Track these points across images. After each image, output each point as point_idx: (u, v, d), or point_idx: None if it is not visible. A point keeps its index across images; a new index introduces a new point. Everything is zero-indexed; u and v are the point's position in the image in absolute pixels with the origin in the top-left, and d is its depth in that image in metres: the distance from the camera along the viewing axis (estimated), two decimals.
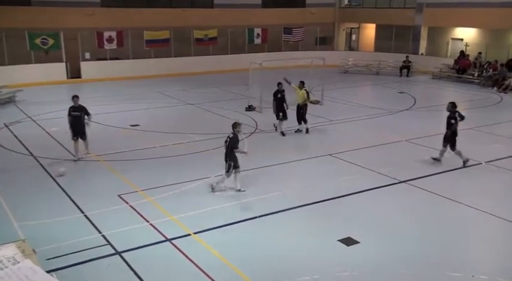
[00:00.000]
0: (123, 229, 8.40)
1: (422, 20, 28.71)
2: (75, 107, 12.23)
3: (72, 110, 12.22)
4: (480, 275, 7.15)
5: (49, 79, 23.23)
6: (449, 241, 8.28)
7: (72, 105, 12.28)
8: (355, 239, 8.12)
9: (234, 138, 10.06)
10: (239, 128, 10.24)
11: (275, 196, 9.97)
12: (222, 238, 8.26)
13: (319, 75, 19.71)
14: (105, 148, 13.10)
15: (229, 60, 27.67)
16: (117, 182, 10.71)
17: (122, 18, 25.74)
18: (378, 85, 25.15)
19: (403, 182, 10.85)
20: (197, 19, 27.74)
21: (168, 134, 14.69)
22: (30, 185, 10.65)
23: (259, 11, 30.50)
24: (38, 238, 7.65)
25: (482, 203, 9.67)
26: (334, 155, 12.60)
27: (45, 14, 23.87)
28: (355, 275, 7.14)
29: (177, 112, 18.14)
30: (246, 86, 18.94)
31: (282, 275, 7.08)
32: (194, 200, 9.72)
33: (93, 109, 17.61)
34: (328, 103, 18.86)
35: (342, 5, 34.13)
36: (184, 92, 21.71)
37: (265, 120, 16.41)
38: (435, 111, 18.64)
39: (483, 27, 26.50)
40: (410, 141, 14.14)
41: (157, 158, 12.41)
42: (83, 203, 9.46)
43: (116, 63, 25.45)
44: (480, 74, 24.63)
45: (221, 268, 7.28)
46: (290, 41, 30.48)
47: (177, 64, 26.59)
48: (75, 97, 12.30)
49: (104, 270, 7.23)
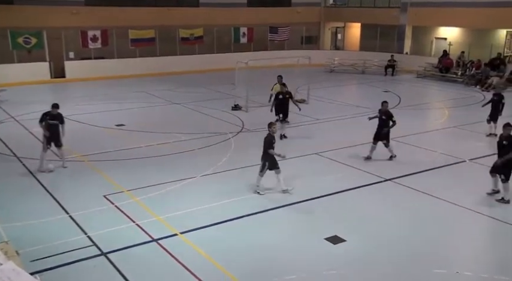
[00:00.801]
0: (109, 230, 8.33)
1: (406, 19, 28.98)
2: (53, 115, 11.35)
3: (50, 118, 11.33)
4: (464, 272, 7.25)
5: (32, 79, 22.91)
6: (434, 238, 8.37)
7: (49, 113, 11.38)
8: (341, 237, 8.17)
9: (266, 138, 9.89)
10: (273, 128, 9.98)
11: (262, 195, 9.96)
12: (208, 237, 8.24)
13: (305, 74, 19.77)
14: (90, 148, 12.97)
15: (215, 60, 27.59)
16: (103, 182, 10.61)
17: (107, 17, 25.49)
18: (363, 84, 25.32)
19: (389, 180, 10.94)
20: (183, 18, 27.60)
21: (153, 134, 14.60)
22: (14, 186, 10.49)
23: (245, 10, 30.49)
24: (22, 240, 7.55)
25: (466, 200, 9.80)
26: (320, 153, 12.66)
27: (28, 13, 23.53)
28: (341, 273, 7.18)
29: (163, 112, 18.04)
30: (232, 85, 18.91)
31: (269, 274, 7.09)
32: (180, 200, 9.68)
33: (78, 109, 17.57)
34: (314, 102, 18.93)
35: (328, 4, 34.28)
36: (170, 92, 21.60)
37: (252, 120, 16.43)
38: (420, 110, 18.85)
39: (466, 26, 26.86)
40: (396, 139, 14.23)
41: (143, 158, 12.33)
42: (67, 204, 9.35)
43: (100, 63, 25.18)
44: (463, 73, 24.96)
45: (208, 268, 7.26)
46: (276, 40, 30.51)
47: (162, 63, 26.42)
48: (55, 106, 11.43)
49: (90, 271, 7.17)
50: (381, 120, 12.09)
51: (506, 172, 9.45)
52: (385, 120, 11.98)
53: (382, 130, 11.99)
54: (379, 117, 12.13)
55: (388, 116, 11.99)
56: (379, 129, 12.06)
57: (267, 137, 9.91)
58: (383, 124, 12.00)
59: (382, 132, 12.02)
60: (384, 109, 12.09)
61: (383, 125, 12.00)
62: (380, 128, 12.05)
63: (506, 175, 9.45)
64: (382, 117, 12.03)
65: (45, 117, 11.38)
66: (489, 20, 24.76)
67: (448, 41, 27.47)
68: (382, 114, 12.06)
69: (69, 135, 14.20)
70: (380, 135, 12.07)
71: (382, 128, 12.01)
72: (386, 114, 12.03)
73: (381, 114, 12.11)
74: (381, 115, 12.10)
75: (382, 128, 12.01)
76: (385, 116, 12.00)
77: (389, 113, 12.06)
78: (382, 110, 12.11)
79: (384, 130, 11.97)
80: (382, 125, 12.03)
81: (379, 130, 12.07)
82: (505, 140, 9.54)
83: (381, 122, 12.06)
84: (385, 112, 12.06)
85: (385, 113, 12.05)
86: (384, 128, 11.97)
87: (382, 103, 12.21)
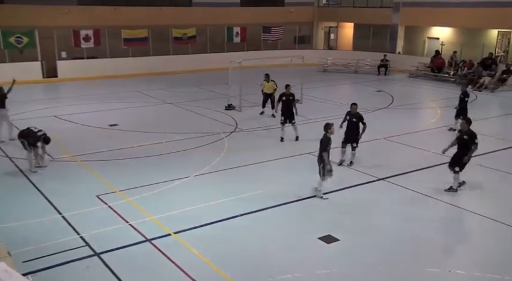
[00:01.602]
0: (102, 230, 8.30)
1: (399, 19, 29.10)
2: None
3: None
4: (457, 270, 7.30)
5: (24, 78, 22.69)
6: (427, 237, 8.41)
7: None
8: (335, 236, 8.19)
9: (322, 140, 9.71)
10: (331, 130, 9.77)
11: (255, 194, 9.96)
12: (202, 237, 8.23)
13: (298, 74, 19.79)
14: (82, 148, 12.90)
15: (209, 59, 27.55)
16: (95, 182, 10.56)
17: (99, 16, 25.38)
18: (356, 84, 25.39)
19: (382, 180, 10.98)
20: (176, 17, 27.53)
21: (146, 134, 14.56)
22: (5, 186, 10.43)
23: (238, 10, 30.47)
24: (14, 240, 7.50)
25: (459, 199, 9.86)
26: (313, 153, 12.63)
27: (20, 12, 23.37)
28: (335, 272, 7.20)
29: (156, 111, 17.98)
30: (226, 85, 18.90)
31: (262, 274, 7.10)
32: (173, 200, 9.66)
33: (70, 109, 17.48)
34: (307, 102, 18.96)
35: (321, 4, 34.35)
36: (163, 91, 21.54)
37: (245, 119, 16.42)
38: (412, 109, 18.94)
39: (458, 26, 27.01)
40: (389, 139, 14.32)
41: (136, 158, 12.29)
42: (60, 204, 9.31)
43: (93, 62, 25.05)
44: (455, 73, 25.10)
45: (202, 268, 7.25)
46: (269, 40, 30.51)
47: (155, 63, 26.34)
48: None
49: (83, 272, 7.13)
50: (350, 123, 11.68)
51: (461, 165, 10.07)
52: (355, 122, 11.62)
53: (353, 132, 11.61)
54: (349, 119, 11.72)
55: (358, 117, 11.61)
56: (349, 131, 11.66)
57: (323, 138, 9.70)
58: (353, 126, 11.62)
59: (352, 135, 11.64)
60: (353, 111, 11.68)
61: (353, 128, 11.61)
62: (349, 130, 11.65)
63: (461, 167, 10.08)
64: (353, 120, 11.64)
65: None
66: (481, 20, 24.91)
67: (441, 41, 27.61)
68: (352, 117, 11.66)
69: (62, 135, 14.16)
70: (349, 138, 11.68)
71: (351, 130, 11.62)
72: (356, 116, 11.65)
73: (350, 116, 11.70)
74: (350, 118, 11.69)
75: (352, 131, 11.62)
76: (355, 118, 11.62)
77: (359, 114, 11.67)
78: (351, 113, 11.70)
79: (353, 132, 11.58)
80: (351, 127, 11.63)
81: (348, 132, 11.67)
82: (466, 135, 10.12)
83: (351, 124, 11.65)
84: (354, 114, 11.66)
85: (355, 115, 11.66)
86: (353, 130, 11.59)
87: (351, 105, 11.78)
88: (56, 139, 13.86)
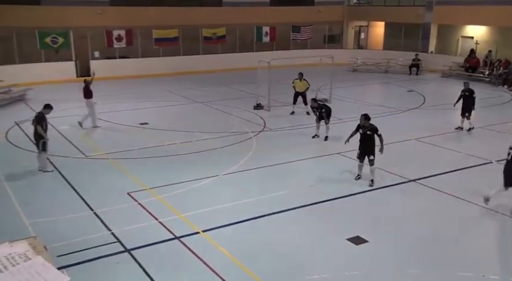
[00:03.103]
0: (133, 227, 8.44)
1: (432, 17, 28.50)
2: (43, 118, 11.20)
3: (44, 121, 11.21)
4: (490, 275, 7.10)
5: (59, 78, 23.39)
6: (459, 240, 8.22)
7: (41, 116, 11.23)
8: (364, 238, 8.09)
9: None
10: None
11: (283, 194, 9.95)
12: (230, 236, 8.27)
13: (327, 73, 19.63)
14: (114, 146, 13.17)
15: (238, 59, 27.67)
16: (126, 180, 10.75)
17: (131, 16, 25.83)
18: (386, 83, 25.02)
19: (412, 181, 10.79)
20: (206, 17, 27.77)
21: (176, 132, 14.74)
22: (40, 182, 10.73)
23: (268, 9, 30.47)
24: (48, 235, 7.69)
25: (491, 202, 9.58)
26: (342, 153, 12.55)
27: (55, 13, 24.03)
28: (364, 274, 7.11)
29: (186, 110, 18.17)
30: (255, 84, 18.93)
31: (290, 274, 7.08)
32: (202, 198, 9.74)
33: (102, 107, 17.83)
34: (337, 102, 18.79)
35: (351, 3, 33.99)
36: (193, 91, 21.75)
37: (273, 119, 16.41)
38: (445, 110, 18.51)
39: (493, 24, 26.24)
40: (420, 140, 14.05)
41: (166, 156, 12.45)
42: (92, 201, 9.52)
43: (124, 62, 25.54)
44: (490, 73, 24.42)
45: (230, 266, 7.28)
46: (298, 40, 30.40)
47: (185, 62, 26.63)
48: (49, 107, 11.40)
49: (114, 267, 7.27)
50: (364, 136, 10.47)
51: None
52: (369, 135, 10.38)
53: (368, 147, 10.42)
54: (362, 133, 10.51)
55: (373, 130, 10.36)
56: (363, 147, 10.51)
57: None
58: (367, 140, 10.41)
59: (368, 149, 10.44)
60: (366, 124, 10.43)
61: (367, 142, 10.41)
62: (364, 146, 10.50)
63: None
64: (367, 133, 10.39)
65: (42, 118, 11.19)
66: None
67: (475, 40, 26.90)
68: (366, 130, 10.43)
69: (94, 133, 14.51)
70: (365, 152, 10.50)
71: (366, 145, 10.44)
72: (369, 128, 10.39)
73: (363, 129, 10.49)
74: (364, 131, 10.47)
75: (367, 146, 10.43)
76: (369, 131, 10.37)
77: (373, 126, 10.39)
78: (364, 125, 10.46)
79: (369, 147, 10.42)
80: (365, 141, 10.44)
81: (363, 148, 10.53)
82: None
83: (364, 138, 10.46)
84: (367, 127, 10.42)
85: (368, 127, 10.41)
86: (369, 144, 10.40)
87: (361, 117, 10.55)
88: (89, 137, 14.21)
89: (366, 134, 10.47)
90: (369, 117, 10.47)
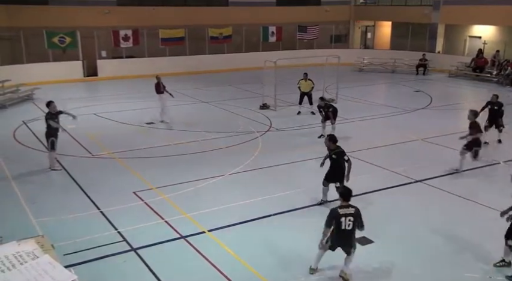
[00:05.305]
0: (139, 226, 8.48)
1: (439, 17, 28.36)
2: (53, 113, 11.23)
3: (55, 117, 11.22)
4: (497, 277, 7.06)
5: (66, 77, 23.52)
6: (465, 241, 8.18)
7: (50, 112, 11.25)
8: (369, 238, 8.08)
9: None
10: None
11: (288, 194, 9.96)
12: (236, 235, 8.28)
13: (334, 73, 19.60)
14: (120, 146, 13.23)
15: (244, 59, 27.70)
16: (132, 179, 10.79)
17: (138, 16, 25.95)
18: (393, 83, 24.93)
19: (419, 182, 10.75)
20: (212, 17, 27.82)
21: (182, 132, 14.77)
22: (47, 181, 10.81)
23: (274, 9, 30.46)
24: (55, 234, 7.75)
25: (498, 202, 9.51)
26: (348, 153, 12.50)
27: (63, 13, 24.18)
28: (369, 274, 7.11)
29: (192, 110, 18.21)
30: (261, 84, 18.93)
31: (296, 274, 7.08)
32: (208, 198, 9.76)
33: (109, 107, 17.92)
34: (343, 101, 18.76)
35: (358, 3, 33.91)
36: (199, 90, 21.79)
37: (279, 119, 16.41)
38: (452, 110, 18.43)
39: (501, 24, 26.07)
40: (426, 140, 14.00)
41: (172, 156, 12.49)
42: (98, 200, 9.57)
43: (131, 62, 25.65)
44: (498, 73, 24.26)
45: (235, 266, 7.30)
46: (305, 39, 30.38)
47: (191, 62, 26.70)
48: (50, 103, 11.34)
49: (120, 266, 7.31)
50: (330, 160, 9.27)
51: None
52: (335, 160, 9.17)
53: (334, 172, 9.24)
54: (329, 156, 9.28)
55: (338, 153, 9.09)
56: (330, 169, 9.32)
57: None
58: (333, 165, 9.24)
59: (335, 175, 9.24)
60: (331, 146, 9.17)
61: (335, 166, 9.21)
62: (330, 169, 9.31)
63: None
64: (332, 157, 9.18)
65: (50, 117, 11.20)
66: None
67: (483, 40, 26.74)
68: (332, 153, 9.19)
69: (101, 132, 14.57)
70: (332, 176, 9.29)
71: (332, 169, 9.27)
72: (335, 152, 9.14)
73: (330, 152, 9.27)
74: (330, 154, 9.25)
75: (332, 170, 9.27)
76: (335, 155, 9.12)
77: (340, 150, 9.10)
78: (328, 148, 9.27)
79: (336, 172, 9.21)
80: (332, 165, 9.26)
81: (330, 171, 9.33)
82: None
83: (331, 162, 9.27)
84: (333, 150, 9.17)
85: (334, 150, 9.16)
86: (336, 169, 9.18)
87: (325, 139, 9.53)
88: (96, 136, 14.28)
89: (331, 157, 9.23)
90: (334, 139, 9.18)
